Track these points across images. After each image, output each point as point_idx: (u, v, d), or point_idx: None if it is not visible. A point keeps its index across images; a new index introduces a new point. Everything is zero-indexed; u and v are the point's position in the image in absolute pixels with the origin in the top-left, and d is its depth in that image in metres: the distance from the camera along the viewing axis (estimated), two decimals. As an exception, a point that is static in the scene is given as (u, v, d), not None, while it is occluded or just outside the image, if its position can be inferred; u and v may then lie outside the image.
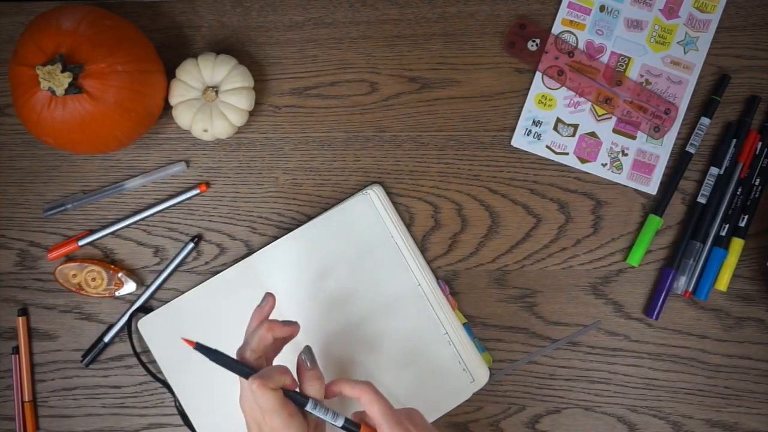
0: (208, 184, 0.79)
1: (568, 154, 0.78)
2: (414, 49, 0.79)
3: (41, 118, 0.68)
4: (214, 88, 0.73)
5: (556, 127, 0.78)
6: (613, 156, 0.78)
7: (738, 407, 0.77)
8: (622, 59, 0.78)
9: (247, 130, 0.79)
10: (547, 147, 0.78)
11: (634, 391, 0.77)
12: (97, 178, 0.79)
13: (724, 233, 0.77)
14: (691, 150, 0.77)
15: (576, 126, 0.78)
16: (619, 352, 0.78)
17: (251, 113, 0.77)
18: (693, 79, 0.78)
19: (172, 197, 0.78)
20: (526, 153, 0.78)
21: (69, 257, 0.79)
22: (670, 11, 0.78)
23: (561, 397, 0.78)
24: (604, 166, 0.78)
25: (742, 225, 0.77)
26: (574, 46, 0.78)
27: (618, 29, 0.78)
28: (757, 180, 0.77)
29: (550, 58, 0.78)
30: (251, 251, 0.78)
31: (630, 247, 0.78)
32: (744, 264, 0.77)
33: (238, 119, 0.74)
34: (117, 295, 0.78)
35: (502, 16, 0.78)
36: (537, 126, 0.78)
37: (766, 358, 0.77)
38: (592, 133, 0.78)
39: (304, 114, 0.79)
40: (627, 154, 0.78)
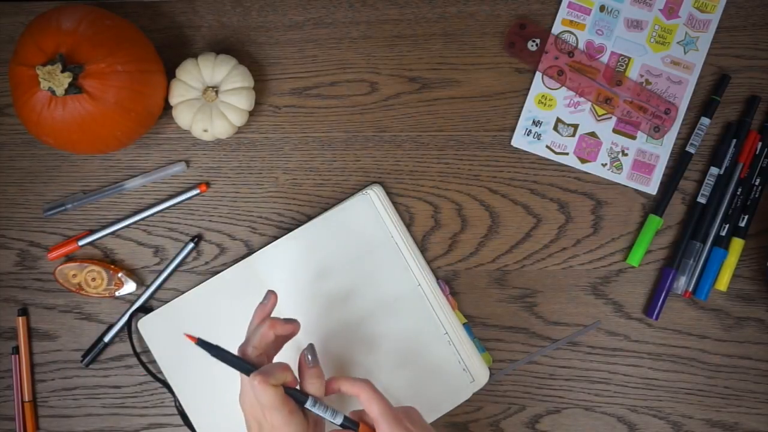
0: (208, 184, 0.79)
1: (568, 154, 0.78)
2: (414, 49, 0.79)
3: (41, 118, 0.68)
4: (214, 88, 0.73)
5: (556, 127, 0.78)
6: (613, 156, 0.78)
7: (738, 407, 0.77)
8: (622, 59, 0.78)
9: (247, 130, 0.79)
10: (547, 147, 0.78)
11: (634, 391, 0.77)
12: (97, 178, 0.79)
13: (724, 233, 0.77)
14: (691, 150, 0.77)
15: (576, 126, 0.78)
16: (619, 352, 0.78)
17: (251, 113, 0.77)
18: (693, 79, 0.78)
19: (172, 197, 0.78)
20: (526, 153, 0.78)
21: (69, 257, 0.79)
22: (670, 11, 0.78)
23: (561, 397, 0.78)
24: (604, 166, 0.78)
25: (742, 225, 0.77)
26: (574, 46, 0.78)
27: (618, 29, 0.78)
28: (757, 180, 0.77)
29: (550, 58, 0.78)
30: (251, 251, 0.78)
31: (630, 247, 0.78)
32: (744, 264, 0.77)
33: (238, 119, 0.74)
34: (117, 295, 0.78)
35: (502, 16, 0.78)
36: (537, 126, 0.78)
37: (766, 358, 0.77)
38: (592, 133, 0.78)
39: (304, 114, 0.79)
40: (627, 154, 0.78)
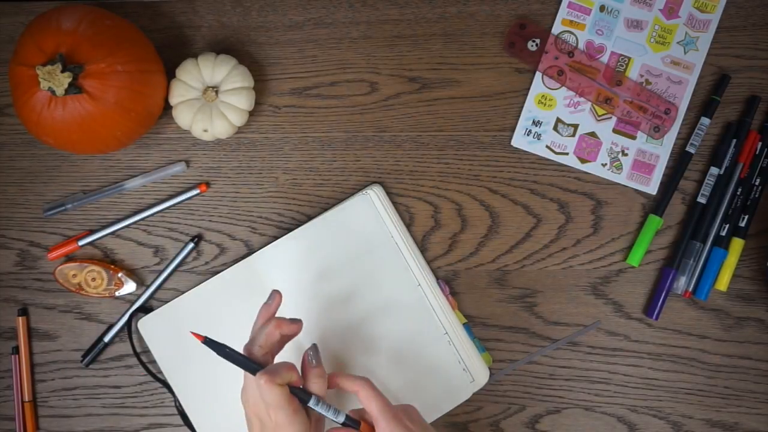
0: (208, 184, 0.79)
1: (568, 154, 0.78)
2: (414, 49, 0.79)
3: (41, 118, 0.68)
4: (214, 88, 0.73)
5: (556, 127, 0.78)
6: (613, 156, 0.78)
7: (738, 407, 0.77)
8: (622, 59, 0.78)
9: (247, 130, 0.79)
10: (547, 147, 0.78)
11: (634, 391, 0.77)
12: (97, 178, 0.79)
13: (724, 233, 0.77)
14: (691, 150, 0.77)
15: (576, 126, 0.78)
16: (619, 352, 0.78)
17: (251, 113, 0.77)
18: (693, 79, 0.78)
19: (172, 197, 0.78)
20: (526, 153, 0.78)
21: (69, 257, 0.79)
22: (670, 11, 0.78)
23: (561, 397, 0.78)
24: (604, 166, 0.78)
25: (742, 225, 0.77)
26: (574, 46, 0.78)
27: (618, 29, 0.78)
28: (757, 180, 0.77)
29: (550, 58, 0.78)
30: (251, 251, 0.78)
31: (630, 247, 0.78)
32: (744, 264, 0.77)
33: (238, 119, 0.74)
34: (117, 295, 0.78)
35: (502, 16, 0.78)
36: (537, 126, 0.78)
37: (766, 358, 0.77)
38: (592, 133, 0.78)
39: (304, 114, 0.79)
40: (627, 154, 0.78)
